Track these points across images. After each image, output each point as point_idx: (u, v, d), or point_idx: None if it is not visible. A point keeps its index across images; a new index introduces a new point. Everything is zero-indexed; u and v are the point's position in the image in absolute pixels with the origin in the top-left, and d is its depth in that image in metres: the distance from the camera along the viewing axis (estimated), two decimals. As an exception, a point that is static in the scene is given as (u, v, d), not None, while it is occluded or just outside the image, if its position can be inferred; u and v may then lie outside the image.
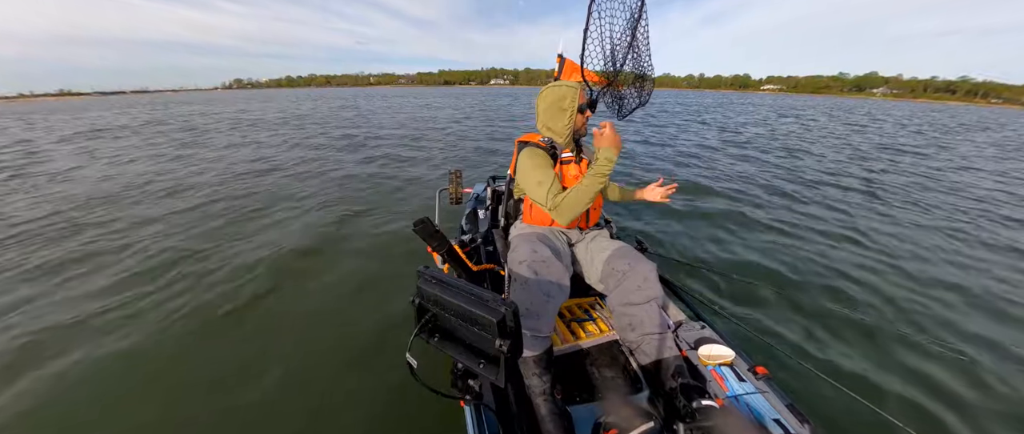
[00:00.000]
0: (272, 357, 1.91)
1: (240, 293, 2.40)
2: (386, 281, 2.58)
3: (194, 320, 2.15)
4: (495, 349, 0.70)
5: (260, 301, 2.33)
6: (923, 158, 8.33)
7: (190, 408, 1.63)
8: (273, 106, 23.87)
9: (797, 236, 3.91)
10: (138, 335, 2.02)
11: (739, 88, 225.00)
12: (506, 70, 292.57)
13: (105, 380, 1.75)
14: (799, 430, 0.98)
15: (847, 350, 2.15)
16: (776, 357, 1.86)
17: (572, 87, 1.42)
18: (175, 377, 1.78)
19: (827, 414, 1.65)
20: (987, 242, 3.77)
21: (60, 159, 7.16)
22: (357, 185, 5.06)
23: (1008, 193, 5.61)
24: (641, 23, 1.51)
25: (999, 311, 2.57)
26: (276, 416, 1.59)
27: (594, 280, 1.41)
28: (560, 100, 1.41)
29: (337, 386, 1.73)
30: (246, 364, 1.86)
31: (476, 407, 1.03)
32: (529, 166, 1.37)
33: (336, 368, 1.83)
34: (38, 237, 3.30)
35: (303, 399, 1.65)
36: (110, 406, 1.63)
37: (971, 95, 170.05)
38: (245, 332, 2.08)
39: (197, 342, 2.00)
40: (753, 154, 8.10)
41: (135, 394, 1.70)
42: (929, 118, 23.07)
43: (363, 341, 2.01)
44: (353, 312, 2.27)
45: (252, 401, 1.67)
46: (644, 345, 1.20)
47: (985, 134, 14.29)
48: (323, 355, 1.92)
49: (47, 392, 1.68)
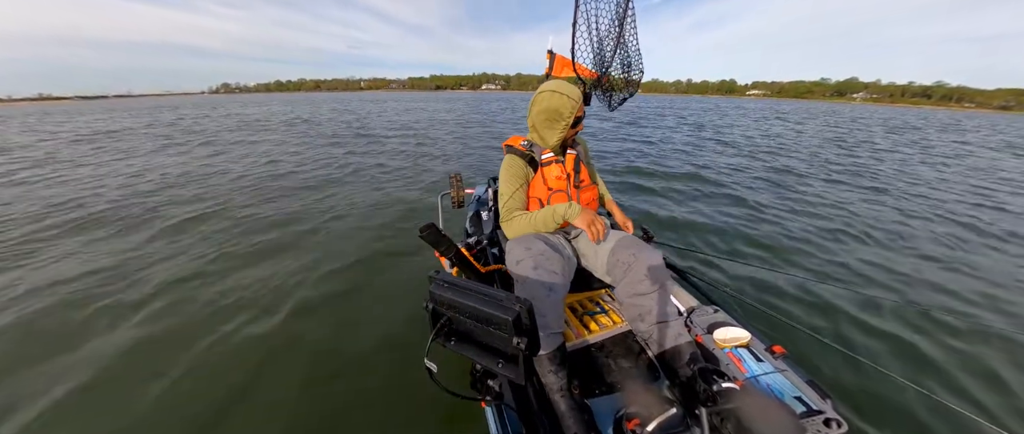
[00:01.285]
0: (290, 360, 1.93)
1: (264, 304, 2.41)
2: (396, 286, 2.59)
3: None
4: (513, 347, 0.70)
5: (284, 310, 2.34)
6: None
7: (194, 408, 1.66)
8: (311, 109, 21.69)
9: (804, 216, 3.91)
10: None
11: (725, 93, 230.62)
12: (498, 75, 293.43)
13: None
14: (821, 405, 0.98)
15: (862, 324, 2.15)
16: (792, 335, 1.86)
17: (572, 99, 1.38)
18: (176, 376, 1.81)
19: (847, 388, 1.65)
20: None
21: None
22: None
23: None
24: (628, 18, 1.51)
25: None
26: (292, 419, 1.60)
27: (601, 272, 1.41)
28: (557, 110, 1.38)
29: (353, 390, 1.73)
30: (260, 364, 1.88)
31: (497, 407, 1.03)
32: (503, 175, 1.46)
33: (353, 373, 1.84)
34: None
35: (320, 404, 1.66)
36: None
37: (946, 99, 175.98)
38: (261, 336, 2.09)
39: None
40: (759, 156, 8.10)
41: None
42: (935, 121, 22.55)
43: (381, 345, 2.02)
44: (370, 317, 2.28)
45: (266, 402, 1.69)
46: (657, 333, 1.19)
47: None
48: (340, 359, 1.93)
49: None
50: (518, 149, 1.45)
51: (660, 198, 4.64)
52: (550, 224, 1.33)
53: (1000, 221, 4.04)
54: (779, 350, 1.16)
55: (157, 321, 2.26)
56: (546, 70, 1.73)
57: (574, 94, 1.39)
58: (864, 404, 1.59)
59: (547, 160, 1.46)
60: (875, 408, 1.58)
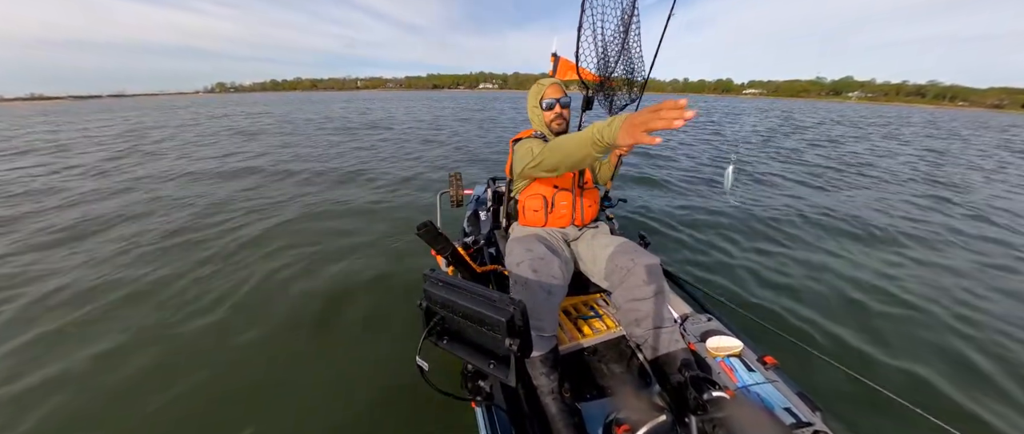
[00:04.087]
0: (282, 360, 1.91)
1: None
2: (393, 284, 2.58)
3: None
4: (505, 348, 0.70)
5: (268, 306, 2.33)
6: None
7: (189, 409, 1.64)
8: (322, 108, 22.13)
9: (800, 226, 3.92)
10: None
11: (722, 92, 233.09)
12: (495, 74, 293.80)
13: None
14: (810, 418, 0.99)
15: (855, 336, 2.15)
16: (784, 346, 1.86)
17: (540, 83, 1.52)
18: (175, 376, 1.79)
19: (838, 400, 1.65)
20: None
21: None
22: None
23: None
24: (633, 24, 1.52)
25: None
26: (283, 414, 1.59)
27: (598, 277, 1.41)
28: (531, 96, 1.55)
29: (345, 390, 1.73)
30: (250, 364, 1.87)
31: (487, 408, 1.03)
32: (525, 151, 1.39)
33: (342, 371, 1.83)
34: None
35: (314, 403, 1.65)
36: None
37: (940, 98, 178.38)
38: (252, 339, 2.07)
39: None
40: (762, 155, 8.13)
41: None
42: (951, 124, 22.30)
43: (368, 342, 2.01)
44: (357, 313, 2.27)
45: (263, 401, 1.67)
46: (651, 339, 1.20)
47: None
48: (330, 358, 1.92)
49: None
50: (530, 137, 1.52)
51: (658, 201, 4.63)
52: (575, 144, 1.04)
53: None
54: (771, 361, 1.17)
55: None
56: (550, 72, 1.74)
57: (545, 80, 1.54)
58: (854, 418, 1.59)
59: None
60: (865, 423, 1.58)
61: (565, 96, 1.52)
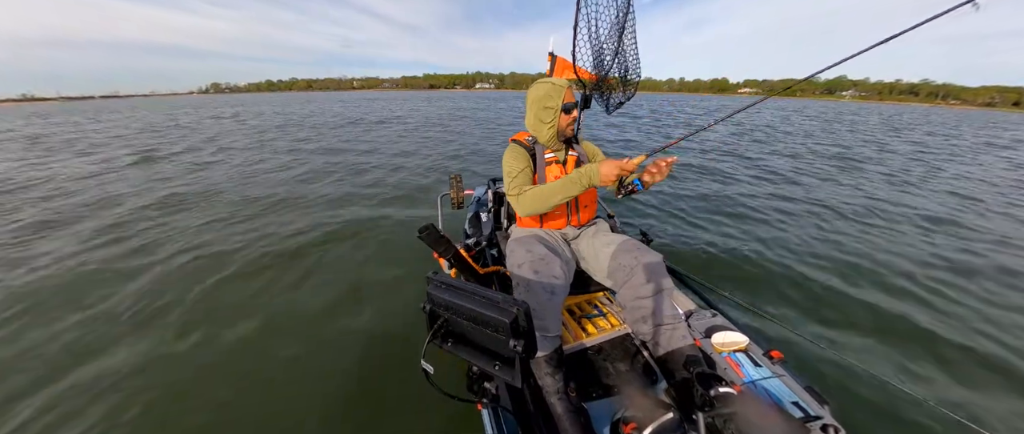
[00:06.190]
0: (280, 362, 1.92)
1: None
2: (394, 287, 2.58)
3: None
4: (509, 349, 0.70)
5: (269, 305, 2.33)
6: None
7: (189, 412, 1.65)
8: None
9: (801, 219, 3.91)
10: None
11: (717, 91, 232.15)
12: (491, 74, 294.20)
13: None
14: (819, 411, 0.98)
15: (859, 329, 2.14)
16: (790, 341, 1.85)
17: (558, 86, 1.40)
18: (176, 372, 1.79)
19: (845, 393, 1.64)
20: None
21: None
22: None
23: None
24: (628, 24, 1.51)
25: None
26: (287, 421, 1.59)
27: (601, 275, 1.40)
28: (544, 98, 1.41)
29: (348, 392, 1.73)
30: (248, 369, 1.87)
31: (493, 409, 1.03)
32: (507, 159, 1.46)
33: (348, 374, 1.83)
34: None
35: (316, 405, 1.65)
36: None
37: (933, 97, 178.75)
38: (247, 338, 2.08)
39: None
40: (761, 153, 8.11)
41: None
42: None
43: (377, 346, 2.01)
44: (364, 317, 2.27)
45: (262, 401, 1.68)
46: (657, 337, 1.19)
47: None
48: (335, 361, 1.92)
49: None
50: (521, 141, 1.51)
51: (659, 197, 4.62)
52: (567, 191, 1.26)
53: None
54: (777, 355, 1.16)
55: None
56: (547, 72, 1.73)
57: (560, 82, 1.44)
58: (862, 411, 1.59)
59: (549, 160, 1.47)
60: (873, 415, 1.57)
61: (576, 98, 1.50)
